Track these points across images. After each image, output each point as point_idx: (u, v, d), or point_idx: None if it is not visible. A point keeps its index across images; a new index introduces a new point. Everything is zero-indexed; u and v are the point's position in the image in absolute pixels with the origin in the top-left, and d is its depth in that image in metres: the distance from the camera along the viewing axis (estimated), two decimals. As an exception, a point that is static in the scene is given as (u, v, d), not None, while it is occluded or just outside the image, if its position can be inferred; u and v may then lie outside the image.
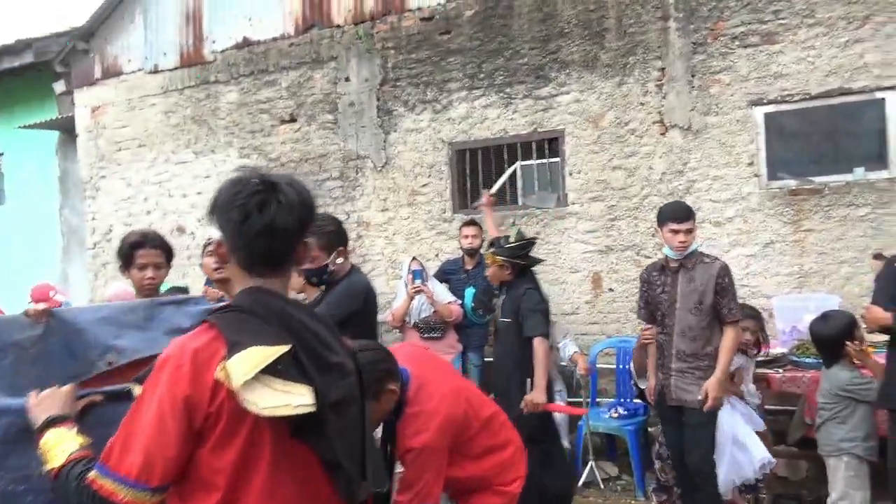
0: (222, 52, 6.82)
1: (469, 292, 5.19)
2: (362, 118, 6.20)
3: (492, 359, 5.01)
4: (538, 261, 4.25)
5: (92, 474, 1.21)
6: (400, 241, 6.06)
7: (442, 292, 5.09)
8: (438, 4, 5.91)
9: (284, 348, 1.24)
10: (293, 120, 6.52)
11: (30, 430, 1.42)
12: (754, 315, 4.00)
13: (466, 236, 5.26)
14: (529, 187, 5.79)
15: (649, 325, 3.72)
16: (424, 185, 5.98)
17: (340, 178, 6.30)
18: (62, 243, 8.33)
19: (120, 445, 1.20)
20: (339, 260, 2.96)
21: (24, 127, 7.98)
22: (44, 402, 1.46)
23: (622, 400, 4.93)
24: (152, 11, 7.15)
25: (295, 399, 1.22)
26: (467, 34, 5.80)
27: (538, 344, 3.77)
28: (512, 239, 4.10)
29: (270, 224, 1.31)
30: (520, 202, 5.78)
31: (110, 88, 7.43)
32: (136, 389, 1.40)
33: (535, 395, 3.69)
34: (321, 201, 6.35)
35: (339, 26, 6.30)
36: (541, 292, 4.05)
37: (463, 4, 5.82)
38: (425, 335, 4.96)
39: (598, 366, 5.13)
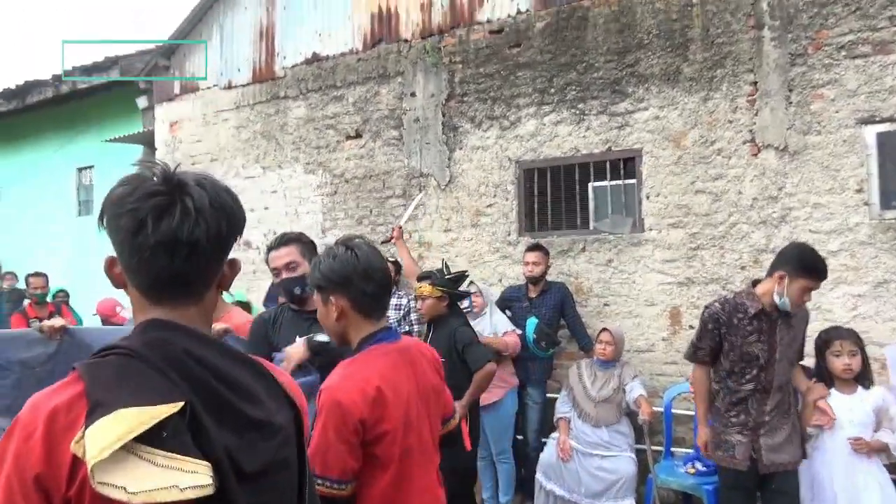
0: (292, 67, 6.78)
1: (531, 322, 4.81)
2: (427, 134, 5.96)
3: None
4: (467, 294, 4.23)
5: None
6: (462, 264, 5.75)
7: (501, 322, 4.74)
8: (509, 17, 5.60)
9: (173, 407, 0.91)
10: (358, 136, 6.37)
11: None
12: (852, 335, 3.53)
13: (528, 262, 4.90)
14: (602, 211, 5.36)
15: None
16: (489, 206, 5.66)
17: (403, 195, 6.08)
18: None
19: None
20: None
21: (110, 141, 8.28)
22: None
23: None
24: (227, 28, 7.23)
25: (184, 478, 0.89)
26: (538, 47, 5.45)
27: (491, 366, 3.69)
28: (444, 271, 4.00)
29: (172, 236, 0.99)
30: (591, 226, 5.35)
31: (187, 104, 7.57)
32: None
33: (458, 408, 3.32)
34: (383, 219, 6.16)
35: (406, 41, 6.11)
36: (471, 328, 3.95)
37: (534, 16, 5.49)
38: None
39: (673, 412, 4.62)
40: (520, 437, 4.89)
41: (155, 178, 1.01)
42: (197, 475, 0.90)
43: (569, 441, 4.38)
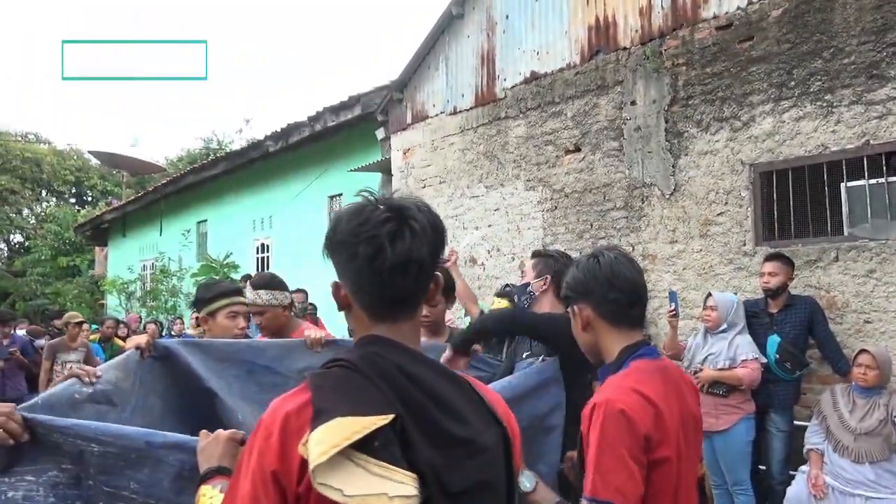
0: (512, 88, 6.99)
1: (773, 341, 4.33)
2: (649, 143, 5.73)
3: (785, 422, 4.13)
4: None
5: None
6: (691, 277, 5.40)
7: (742, 345, 4.26)
8: (738, 9, 5.18)
9: (384, 419, 0.98)
10: (577, 149, 6.34)
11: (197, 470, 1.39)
12: None
13: (763, 273, 4.43)
14: (859, 214, 4.67)
15: None
16: (720, 214, 5.24)
17: (625, 207, 5.90)
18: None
19: None
20: (544, 287, 2.67)
21: (354, 170, 9.25)
22: (206, 449, 1.39)
23: None
24: (452, 58, 7.69)
25: (392, 487, 0.95)
26: (774, 37, 4.96)
27: None
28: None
29: (407, 256, 1.09)
30: (845, 232, 4.69)
31: (418, 132, 8.18)
32: None
33: None
34: (604, 232, 6.03)
35: (625, 48, 5.96)
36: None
37: (768, 4, 5.00)
38: (708, 389, 4.23)
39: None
40: (762, 467, 4.42)
41: (381, 207, 1.12)
42: (404, 486, 0.96)
43: (822, 476, 3.85)
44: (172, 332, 9.04)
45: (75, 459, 1.50)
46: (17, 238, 25.88)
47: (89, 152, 21.55)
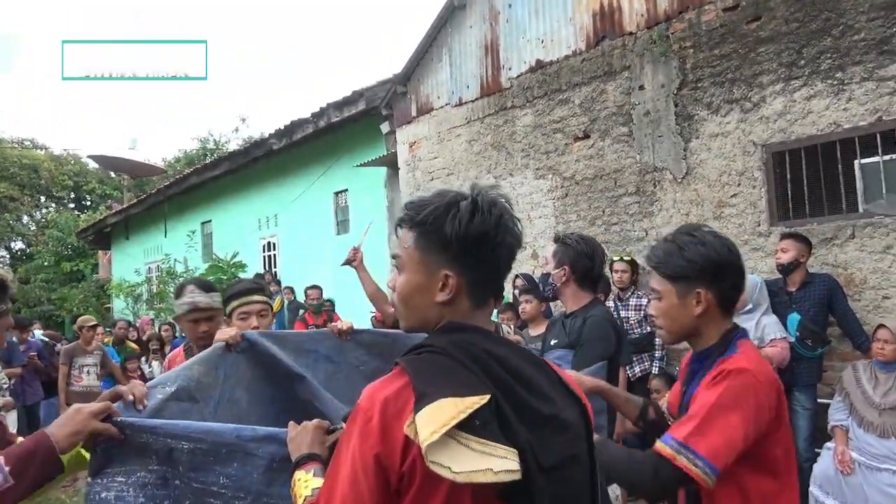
0: (517, 77, 6.99)
1: (793, 319, 4.37)
2: (659, 127, 5.74)
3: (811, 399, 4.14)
4: None
5: None
6: (706, 260, 5.42)
7: (770, 325, 4.29)
8: (745, -11, 5.19)
9: (482, 399, 1.03)
10: (587, 136, 6.35)
11: (287, 461, 1.42)
12: None
13: (776, 251, 4.46)
14: (874, 191, 4.69)
15: None
16: (733, 196, 5.27)
17: (637, 192, 5.92)
18: (388, 266, 9.42)
19: (325, 498, 1.11)
20: (564, 277, 2.68)
21: (359, 165, 9.25)
22: (296, 438, 1.43)
23: None
24: (456, 49, 7.69)
25: (496, 463, 0.99)
26: (782, 17, 4.97)
27: None
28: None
29: (511, 247, 1.18)
30: (860, 209, 4.71)
31: (423, 124, 8.18)
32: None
33: None
34: (617, 218, 6.06)
35: (631, 33, 5.96)
36: None
37: (776, -17, 5.01)
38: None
39: None
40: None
41: (467, 199, 1.18)
42: (507, 461, 1.00)
43: (848, 452, 3.89)
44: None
45: (163, 459, 1.53)
46: (18, 245, 25.87)
47: (88, 156, 21.52)
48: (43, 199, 27.06)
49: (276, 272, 11.62)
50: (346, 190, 10.48)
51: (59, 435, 1.44)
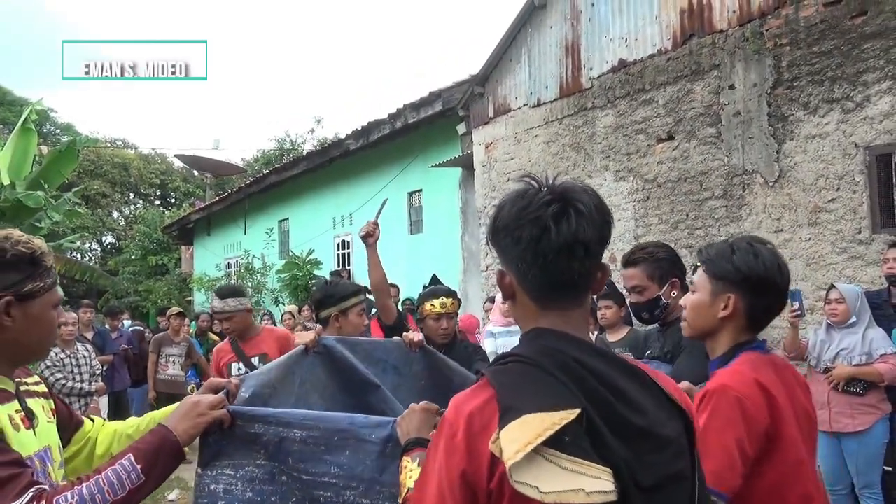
0: (598, 77, 6.85)
1: (898, 334, 4.09)
2: (750, 128, 5.50)
3: None
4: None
5: None
6: (799, 267, 5.16)
7: (877, 339, 3.99)
8: (849, -18, 4.91)
9: (571, 413, 0.95)
10: (671, 137, 6.16)
11: (399, 447, 1.41)
12: None
13: (887, 260, 4.18)
14: None
15: None
16: (831, 201, 4.99)
17: (724, 196, 5.70)
18: (462, 266, 9.43)
19: None
20: (675, 293, 2.51)
21: (434, 166, 9.30)
22: (403, 423, 1.41)
23: None
24: (535, 49, 7.62)
25: (588, 483, 0.92)
26: (891, 10, 4.67)
27: None
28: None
29: (573, 237, 1.04)
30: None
31: (500, 125, 8.14)
32: None
33: None
34: (701, 222, 5.85)
35: (721, 31, 5.74)
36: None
37: (884, -24, 4.72)
38: (843, 387, 3.97)
39: None
40: (888, 468, 4.17)
41: (543, 189, 1.08)
42: (600, 481, 0.93)
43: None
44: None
45: (272, 453, 1.55)
46: (108, 239, 27.36)
47: (175, 155, 22.55)
48: (132, 195, 28.53)
49: (350, 270, 11.84)
50: (421, 190, 10.56)
51: (180, 429, 1.46)
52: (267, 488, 1.55)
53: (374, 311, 8.42)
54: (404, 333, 2.67)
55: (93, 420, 1.71)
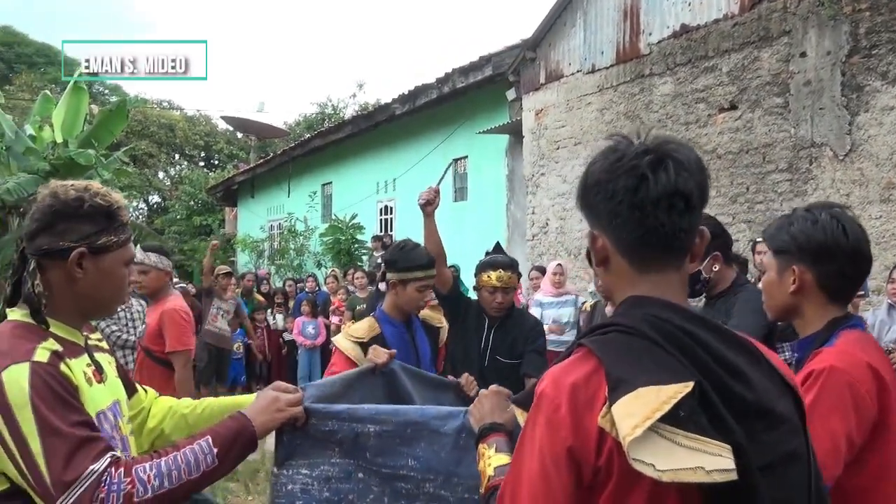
0: (658, 43, 6.60)
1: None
2: (821, 98, 5.24)
3: None
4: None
5: None
6: (866, 246, 4.94)
7: None
8: (941, -58, 4.59)
9: (685, 387, 0.88)
10: (733, 107, 5.92)
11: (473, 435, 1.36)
12: None
13: None
14: None
15: None
16: (906, 177, 4.75)
17: (789, 169, 5.47)
18: (507, 234, 9.33)
19: (510, 492, 1.00)
20: (716, 267, 2.38)
21: (482, 133, 9.16)
22: (475, 411, 1.37)
23: None
24: (591, 13, 7.37)
25: (708, 461, 0.85)
26: None
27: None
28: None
29: (673, 187, 0.96)
30: None
31: (552, 92, 7.94)
32: (519, 416, 1.16)
33: None
34: (762, 196, 5.64)
35: (795, -6, 5.45)
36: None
37: (982, -65, 4.39)
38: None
39: None
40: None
41: (637, 142, 1.01)
42: (721, 458, 0.86)
43: None
44: (307, 289, 9.44)
45: (347, 449, 1.53)
46: (154, 199, 27.92)
47: (221, 117, 22.77)
48: (177, 156, 28.99)
49: (392, 236, 11.85)
50: (466, 157, 10.43)
51: (259, 421, 1.45)
52: (344, 486, 1.54)
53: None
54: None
55: (146, 391, 1.71)
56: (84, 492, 1.20)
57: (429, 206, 3.11)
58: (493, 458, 1.23)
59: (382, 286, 3.18)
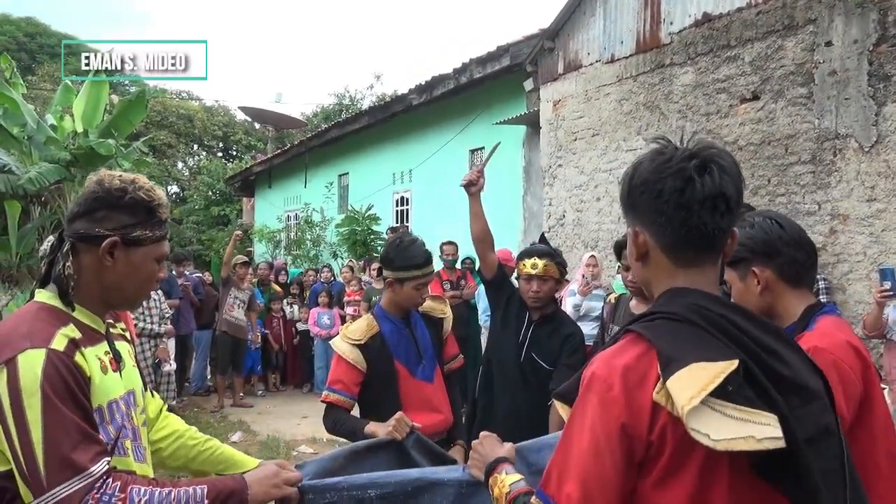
0: (679, 32, 6.49)
1: None
2: (846, 88, 5.12)
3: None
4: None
5: (533, 500, 1.11)
6: (892, 240, 4.84)
7: None
8: (975, -73, 4.44)
9: (731, 364, 0.96)
10: (756, 97, 5.80)
11: (474, 485, 1.48)
12: None
13: None
14: None
15: None
16: (934, 169, 4.62)
17: (812, 161, 5.36)
18: (522, 226, 9.28)
19: (557, 472, 1.06)
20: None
21: (498, 123, 9.09)
22: (475, 455, 1.48)
23: None
24: (611, 2, 7.26)
25: (757, 430, 0.93)
26: None
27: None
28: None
29: (717, 190, 1.06)
30: None
31: (570, 82, 7.85)
32: (560, 410, 1.22)
33: None
34: (784, 188, 5.54)
35: (821, -19, 5.31)
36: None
37: None
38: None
39: None
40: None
41: (681, 148, 1.11)
42: (769, 427, 0.93)
43: None
44: (322, 279, 9.46)
45: None
46: (173, 189, 28.15)
47: (239, 107, 22.86)
48: (195, 147, 29.19)
49: (408, 227, 11.83)
50: (483, 148, 10.36)
51: (254, 490, 1.48)
52: None
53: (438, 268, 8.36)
54: (394, 419, 2.07)
55: (154, 394, 1.74)
56: (75, 491, 1.21)
57: (472, 186, 3.05)
58: (507, 478, 1.32)
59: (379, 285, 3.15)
